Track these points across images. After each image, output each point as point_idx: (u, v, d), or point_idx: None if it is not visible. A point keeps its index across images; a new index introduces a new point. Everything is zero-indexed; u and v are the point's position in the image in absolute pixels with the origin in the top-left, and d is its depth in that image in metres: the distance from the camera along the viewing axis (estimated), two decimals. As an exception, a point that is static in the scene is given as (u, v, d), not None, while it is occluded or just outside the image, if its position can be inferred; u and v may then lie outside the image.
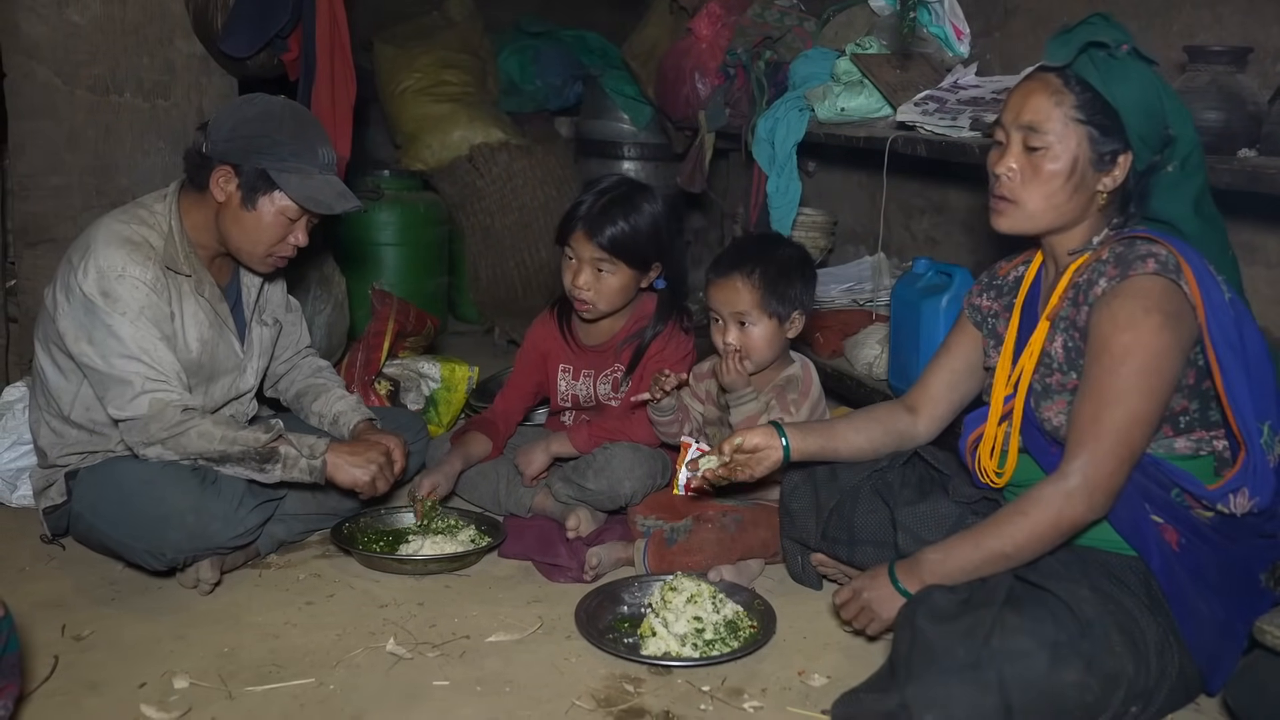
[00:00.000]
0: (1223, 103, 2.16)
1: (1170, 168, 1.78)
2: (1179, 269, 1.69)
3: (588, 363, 2.67)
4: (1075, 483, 1.68)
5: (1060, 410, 1.81)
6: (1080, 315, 1.77)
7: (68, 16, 2.98)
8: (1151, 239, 1.74)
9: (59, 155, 3.04)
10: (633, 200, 2.49)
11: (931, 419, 2.13)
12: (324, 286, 3.31)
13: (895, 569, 1.87)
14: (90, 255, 2.15)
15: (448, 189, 4.44)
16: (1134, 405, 1.67)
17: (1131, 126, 1.73)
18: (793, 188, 3.32)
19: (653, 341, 2.61)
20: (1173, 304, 1.68)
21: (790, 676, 1.96)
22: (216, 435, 2.15)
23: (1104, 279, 1.73)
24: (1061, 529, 1.71)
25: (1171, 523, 1.73)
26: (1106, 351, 1.69)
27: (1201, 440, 1.76)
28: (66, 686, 1.87)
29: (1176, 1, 2.68)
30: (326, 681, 1.91)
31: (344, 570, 2.36)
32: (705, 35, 3.76)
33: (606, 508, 2.48)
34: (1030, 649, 1.55)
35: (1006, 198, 1.81)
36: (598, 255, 2.47)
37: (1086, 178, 1.76)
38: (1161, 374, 1.68)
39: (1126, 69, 1.73)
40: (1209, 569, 1.71)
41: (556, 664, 1.99)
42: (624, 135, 4.64)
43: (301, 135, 2.21)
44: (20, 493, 2.59)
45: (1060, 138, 1.74)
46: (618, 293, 2.53)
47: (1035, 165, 1.77)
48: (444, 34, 4.64)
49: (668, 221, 2.56)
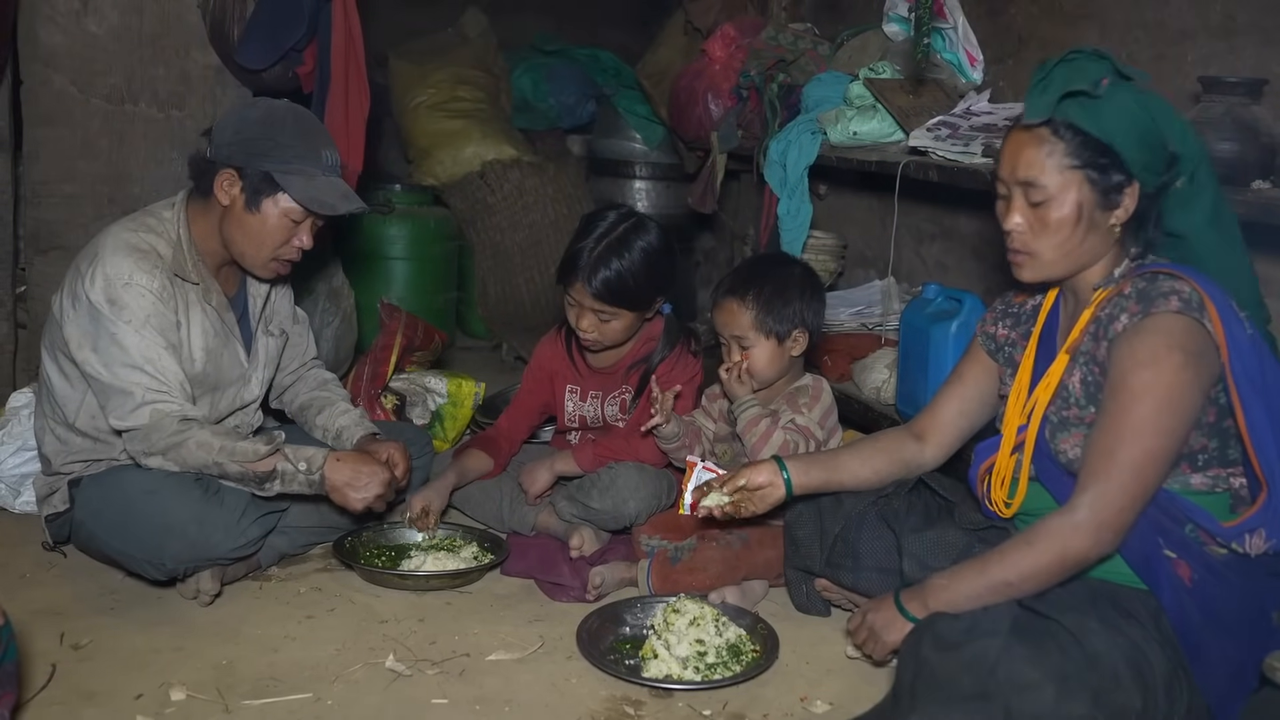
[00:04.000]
0: (1237, 134, 2.15)
1: (1180, 183, 1.75)
2: (1202, 306, 1.67)
3: (596, 384, 2.67)
4: (1082, 516, 1.67)
5: (1077, 444, 1.79)
6: (1100, 350, 1.75)
7: (86, 26, 3.00)
8: (1174, 274, 1.71)
9: (73, 163, 3.05)
10: (628, 243, 2.47)
11: (939, 446, 2.11)
12: (333, 299, 3.31)
13: (901, 595, 1.85)
14: (98, 262, 2.15)
15: (459, 204, 4.45)
16: (1149, 443, 1.65)
17: (1131, 158, 1.70)
18: (804, 210, 3.31)
19: (660, 364, 2.60)
20: (1195, 342, 1.66)
21: (792, 702, 1.94)
22: (215, 445, 2.14)
23: (1126, 314, 1.71)
24: (1066, 564, 1.69)
25: (1185, 558, 1.70)
26: (1125, 387, 1.68)
27: (1218, 477, 1.74)
28: (63, 695, 1.86)
29: (1192, 32, 2.68)
30: (324, 697, 1.89)
31: (345, 584, 2.35)
32: (719, 57, 3.77)
33: (611, 527, 2.47)
34: (1037, 680, 1.53)
35: (1021, 251, 1.80)
36: (598, 306, 2.47)
37: (1096, 218, 1.74)
38: (1179, 413, 1.66)
39: (1112, 102, 1.69)
40: (1221, 606, 1.68)
41: (557, 684, 1.98)
42: (636, 155, 4.65)
43: (305, 137, 2.20)
44: (23, 499, 2.58)
45: (1060, 188, 1.72)
46: (621, 332, 2.55)
47: (1041, 218, 1.75)
48: (459, 51, 4.66)
49: (667, 252, 2.54)
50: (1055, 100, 1.71)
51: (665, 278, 2.55)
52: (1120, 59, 2.87)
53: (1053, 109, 1.71)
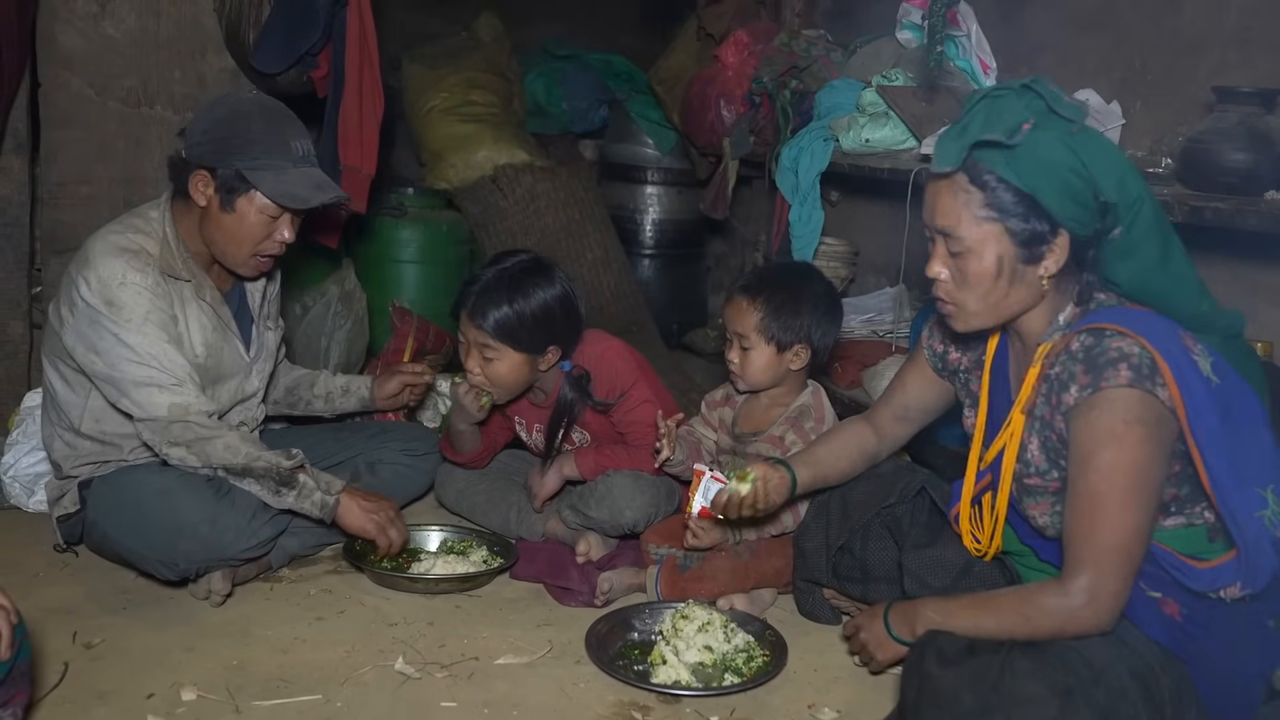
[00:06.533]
0: (1251, 144, 2.14)
1: (1116, 234, 1.63)
2: (1154, 370, 1.57)
3: (535, 415, 2.62)
4: (1080, 602, 1.60)
5: (1044, 511, 1.75)
6: (1056, 420, 1.67)
7: (103, 29, 3.02)
8: (1122, 330, 1.60)
9: (89, 165, 3.08)
10: (520, 281, 2.37)
11: (889, 441, 2.15)
12: (345, 302, 3.32)
13: (890, 614, 1.84)
14: (90, 267, 2.16)
15: (471, 208, 4.46)
16: (1128, 521, 1.58)
17: (1055, 209, 1.59)
18: (815, 217, 3.31)
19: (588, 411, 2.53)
20: (1152, 412, 1.57)
21: (800, 710, 1.94)
22: (242, 451, 2.16)
23: (1075, 385, 1.61)
24: (1064, 636, 1.63)
25: (1170, 595, 1.66)
26: (1092, 468, 1.59)
27: (1192, 514, 1.68)
28: (75, 695, 1.87)
29: (1206, 41, 2.68)
30: (334, 698, 1.90)
31: (355, 587, 2.36)
32: (732, 63, 3.78)
33: (611, 534, 2.47)
34: (1041, 695, 1.50)
35: (946, 301, 1.73)
36: (480, 340, 2.38)
37: (1020, 271, 1.64)
38: (1148, 483, 1.59)
39: (1034, 149, 1.58)
40: (1217, 629, 1.65)
41: (565, 688, 1.98)
42: (648, 160, 4.66)
43: (272, 130, 2.19)
44: (37, 498, 2.60)
45: (978, 240, 1.63)
46: (506, 376, 2.42)
47: (961, 269, 1.67)
48: (472, 55, 4.67)
49: (564, 301, 2.40)
50: (965, 148, 1.61)
51: (559, 329, 2.41)
52: (1133, 67, 2.89)
53: (961, 158, 1.61)
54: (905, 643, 1.79)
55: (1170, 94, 2.76)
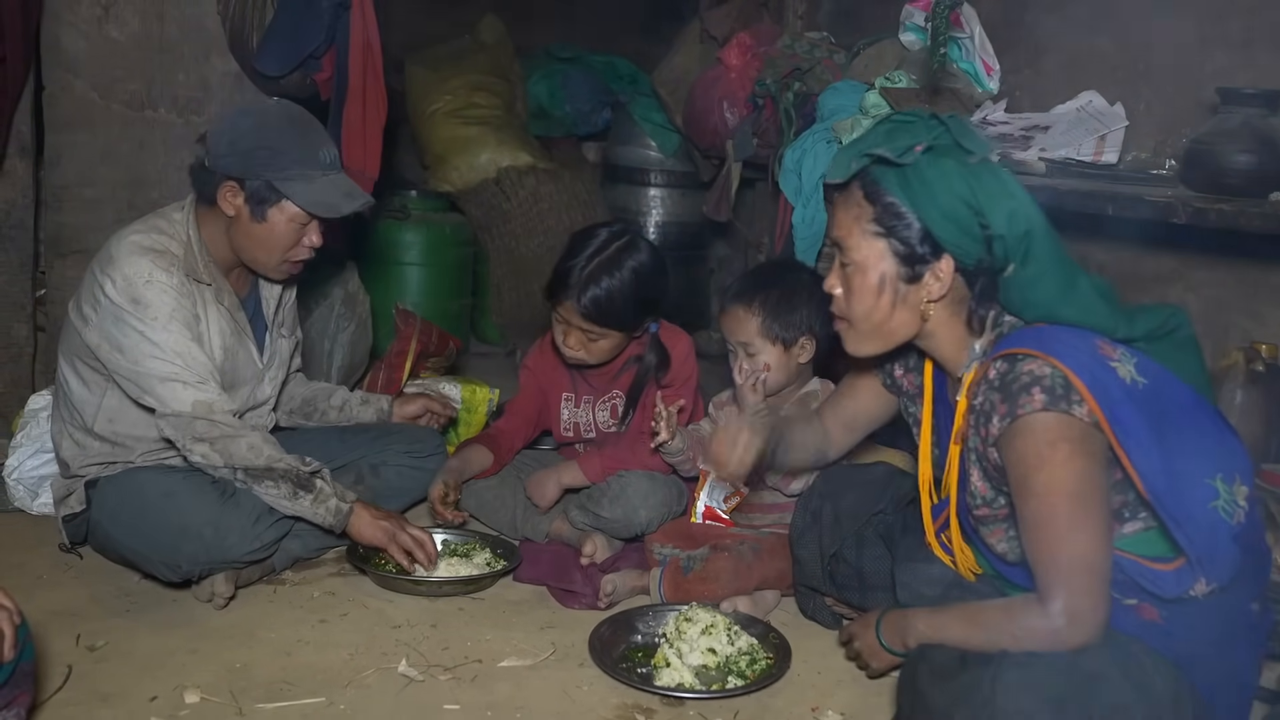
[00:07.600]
0: (1255, 145, 2.14)
1: (1010, 269, 1.63)
2: (1068, 389, 1.55)
3: (587, 389, 2.67)
4: (1062, 624, 1.57)
5: (1001, 538, 1.74)
6: (989, 451, 1.67)
7: (107, 32, 3.03)
8: (1032, 353, 1.59)
9: (93, 168, 3.08)
10: (619, 262, 2.43)
11: (835, 450, 2.16)
12: (348, 305, 3.33)
13: (882, 625, 1.83)
14: (115, 265, 2.17)
15: (474, 211, 4.46)
16: (1082, 538, 1.56)
17: (938, 232, 1.61)
18: (819, 219, 3.31)
19: (662, 380, 2.59)
20: (1073, 430, 1.56)
21: (804, 713, 1.94)
22: (264, 452, 2.17)
23: (996, 415, 1.61)
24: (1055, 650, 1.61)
25: (1146, 601, 1.64)
26: (1030, 494, 1.58)
27: (1147, 517, 1.66)
28: (78, 697, 1.87)
29: (1210, 42, 2.67)
30: (337, 701, 1.90)
31: (358, 589, 2.36)
32: (735, 65, 3.77)
33: (622, 535, 2.47)
34: (1032, 709, 1.48)
35: (839, 317, 1.74)
36: (586, 326, 2.45)
37: (901, 292, 1.66)
38: (1091, 495, 1.57)
39: (925, 171, 1.60)
40: (1201, 626, 1.63)
41: (568, 691, 1.98)
42: (651, 162, 4.65)
43: (300, 140, 2.21)
44: (41, 500, 2.60)
45: (865, 255, 1.66)
46: (608, 352, 2.53)
47: (849, 283, 1.69)
48: (475, 57, 4.68)
49: (659, 272, 2.50)
50: (854, 159, 1.63)
51: (656, 299, 2.52)
52: (1137, 69, 2.88)
53: (849, 170, 1.63)
54: (897, 654, 1.79)
55: (1174, 96, 2.75)
